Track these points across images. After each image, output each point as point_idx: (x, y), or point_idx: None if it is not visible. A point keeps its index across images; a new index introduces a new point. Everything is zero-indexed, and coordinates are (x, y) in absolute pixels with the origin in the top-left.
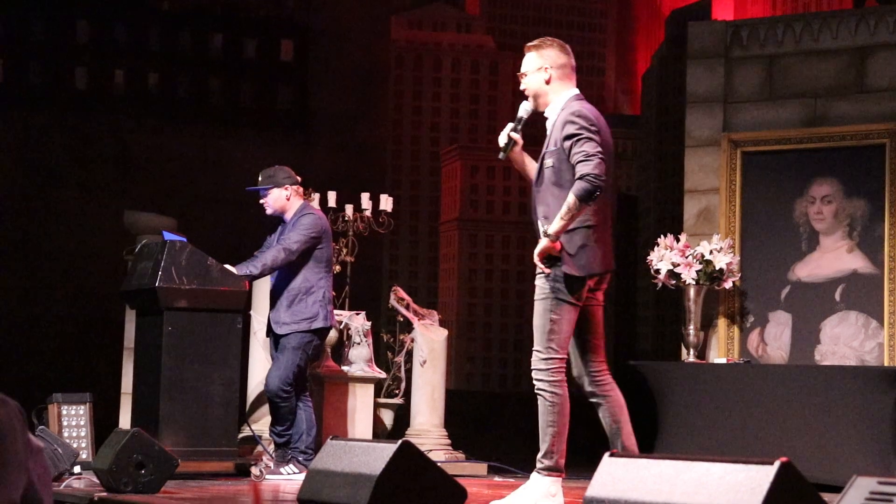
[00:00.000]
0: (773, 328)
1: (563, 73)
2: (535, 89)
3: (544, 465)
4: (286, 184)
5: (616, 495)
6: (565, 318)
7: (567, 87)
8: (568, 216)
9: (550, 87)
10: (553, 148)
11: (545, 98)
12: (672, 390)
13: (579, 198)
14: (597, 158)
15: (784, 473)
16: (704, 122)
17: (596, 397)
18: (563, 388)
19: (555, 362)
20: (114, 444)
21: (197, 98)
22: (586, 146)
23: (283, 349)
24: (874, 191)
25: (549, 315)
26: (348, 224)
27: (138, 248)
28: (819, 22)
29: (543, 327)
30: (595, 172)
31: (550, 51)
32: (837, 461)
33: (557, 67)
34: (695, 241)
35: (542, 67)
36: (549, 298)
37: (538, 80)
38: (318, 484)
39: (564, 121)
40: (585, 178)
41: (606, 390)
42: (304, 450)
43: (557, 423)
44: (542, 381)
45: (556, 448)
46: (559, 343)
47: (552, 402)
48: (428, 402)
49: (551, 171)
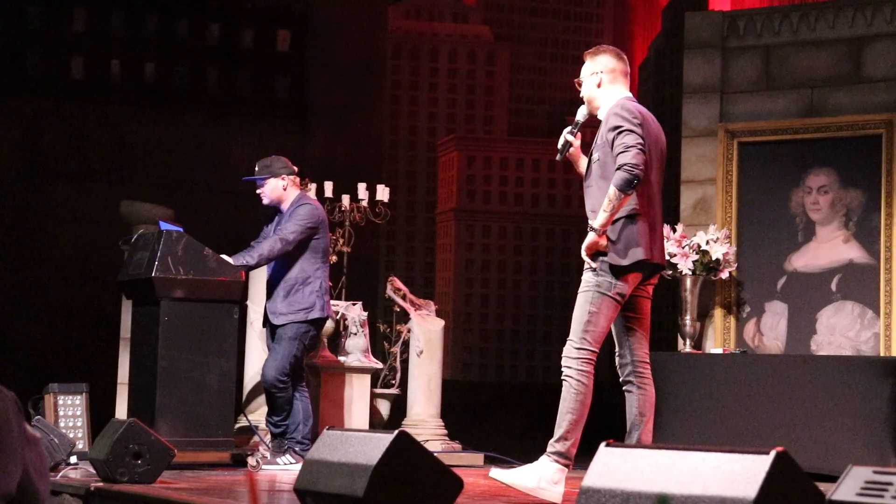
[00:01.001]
0: (769, 318)
1: (613, 77)
2: (589, 93)
3: (555, 450)
4: (283, 174)
5: (612, 485)
6: (604, 314)
7: (618, 90)
8: (610, 207)
9: (602, 90)
10: (600, 142)
11: (597, 101)
12: (668, 380)
13: (618, 188)
14: (636, 149)
15: (780, 463)
16: (701, 112)
17: (632, 386)
18: (589, 379)
19: (586, 353)
20: (110, 434)
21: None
22: (626, 138)
23: (279, 339)
24: (870, 181)
25: (588, 307)
26: (345, 214)
27: (135, 237)
28: (816, 12)
29: (581, 318)
30: (633, 162)
31: (603, 56)
32: (833, 451)
33: (608, 72)
34: (691, 231)
35: (595, 72)
36: (591, 291)
37: (591, 85)
38: (315, 474)
39: (609, 114)
40: (623, 168)
41: (644, 383)
42: (300, 440)
43: (577, 412)
44: (571, 369)
45: (571, 436)
46: (594, 337)
47: (577, 389)
48: (424, 392)
49: (598, 165)
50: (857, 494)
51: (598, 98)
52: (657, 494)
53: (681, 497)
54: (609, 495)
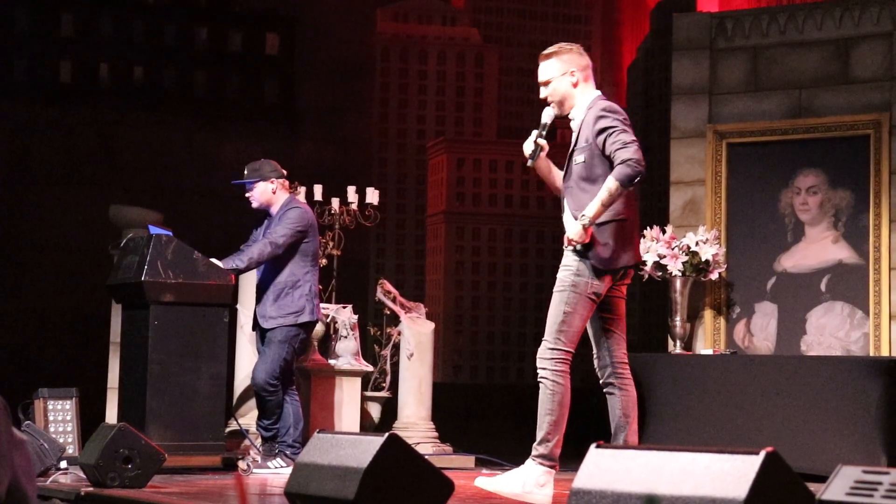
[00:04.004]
0: (759, 319)
1: (586, 75)
2: (563, 94)
3: (539, 453)
4: (272, 177)
5: (602, 486)
6: (579, 314)
7: (591, 87)
8: (608, 200)
9: (577, 90)
10: (583, 145)
11: (571, 101)
12: (659, 381)
13: (621, 182)
14: (635, 145)
15: (769, 463)
16: (690, 113)
17: (613, 388)
18: (565, 378)
19: (560, 353)
20: (100, 438)
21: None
22: (622, 136)
23: (269, 343)
24: (859, 181)
25: (563, 307)
26: (334, 217)
27: (124, 242)
28: (804, 13)
29: (556, 318)
30: (637, 157)
31: (571, 55)
32: (823, 451)
33: (581, 70)
34: (681, 232)
35: (568, 72)
36: (566, 291)
37: (565, 85)
38: (306, 477)
39: (596, 116)
40: (627, 163)
41: (625, 384)
42: (291, 443)
43: (556, 412)
44: (546, 370)
45: (552, 437)
46: (569, 337)
47: (553, 390)
48: (415, 394)
49: (581, 166)
50: (847, 494)
51: (573, 97)
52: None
53: (671, 497)
54: (599, 496)
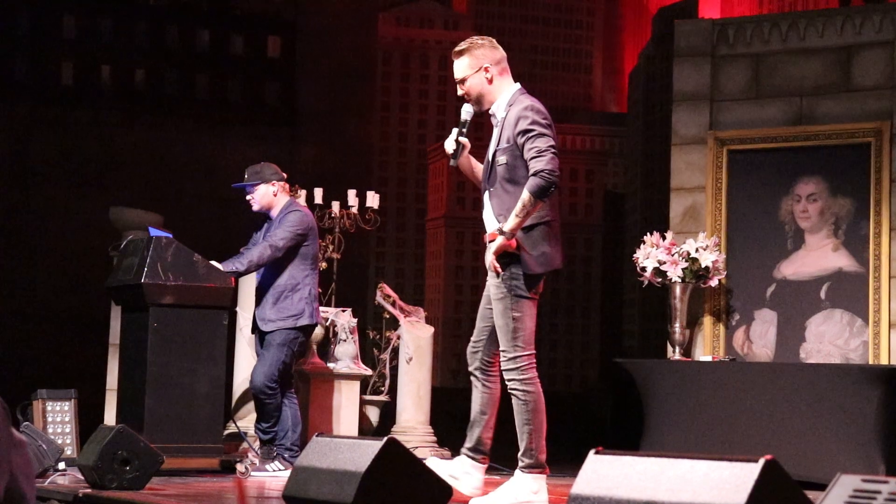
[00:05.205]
0: (758, 326)
1: (501, 69)
2: (479, 90)
3: (525, 464)
4: (273, 180)
5: (601, 493)
6: (527, 314)
7: (508, 81)
8: (523, 213)
9: (493, 85)
10: (506, 145)
11: (490, 97)
12: (658, 388)
13: (534, 194)
14: (549, 154)
15: (768, 471)
16: (691, 120)
17: (477, 381)
18: (535, 384)
19: (523, 360)
20: (99, 440)
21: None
22: (538, 142)
23: (268, 346)
24: (859, 189)
25: (510, 314)
26: (335, 221)
27: (124, 244)
28: (805, 21)
29: (507, 327)
30: (549, 168)
31: (484, 50)
32: (822, 459)
33: (495, 64)
34: (681, 238)
35: (481, 67)
36: (507, 297)
37: (480, 81)
38: (304, 481)
39: (517, 116)
40: (540, 175)
41: (490, 381)
42: (289, 447)
43: (534, 421)
44: (514, 381)
45: (535, 445)
46: (525, 340)
47: (525, 400)
48: (414, 399)
49: (504, 168)
50: (846, 503)
51: (491, 93)
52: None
53: None
54: (598, 503)
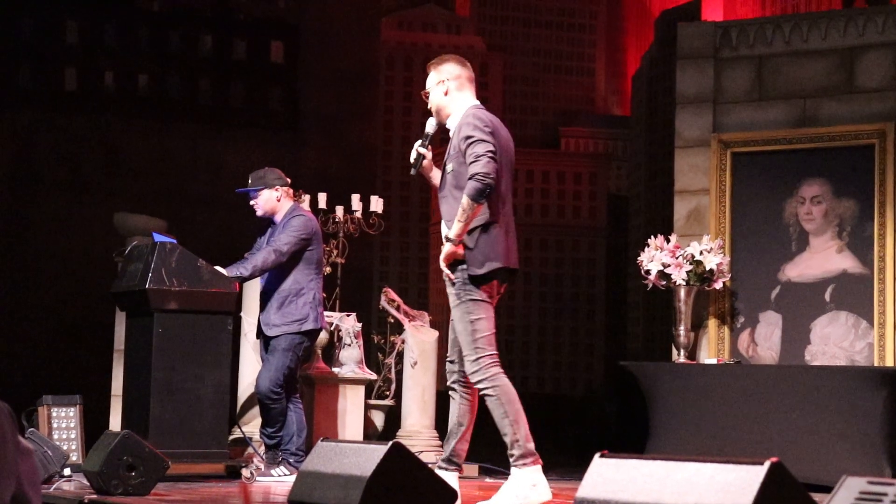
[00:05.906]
0: (763, 328)
1: (459, 84)
2: (437, 103)
3: (516, 457)
4: (276, 185)
5: (607, 496)
6: (483, 317)
7: (466, 97)
8: (464, 217)
9: (449, 98)
10: (453, 153)
11: (447, 110)
12: (663, 391)
13: (471, 197)
14: (486, 158)
15: (774, 473)
16: (694, 122)
17: (455, 394)
18: (500, 378)
19: (486, 360)
20: (104, 446)
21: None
22: (477, 147)
23: (273, 351)
24: (864, 191)
25: (468, 318)
26: (339, 225)
27: (128, 249)
28: (808, 23)
29: (466, 331)
30: (484, 171)
31: (446, 65)
32: (827, 461)
33: (454, 79)
34: (685, 241)
35: (440, 81)
36: (463, 303)
37: (438, 94)
38: (309, 485)
39: (460, 125)
40: (475, 178)
41: (468, 393)
42: (294, 451)
43: (510, 412)
44: (481, 382)
45: (520, 435)
46: (485, 343)
47: (496, 394)
48: (419, 403)
49: (452, 175)
50: None
51: (447, 106)
52: None
53: None
54: None
